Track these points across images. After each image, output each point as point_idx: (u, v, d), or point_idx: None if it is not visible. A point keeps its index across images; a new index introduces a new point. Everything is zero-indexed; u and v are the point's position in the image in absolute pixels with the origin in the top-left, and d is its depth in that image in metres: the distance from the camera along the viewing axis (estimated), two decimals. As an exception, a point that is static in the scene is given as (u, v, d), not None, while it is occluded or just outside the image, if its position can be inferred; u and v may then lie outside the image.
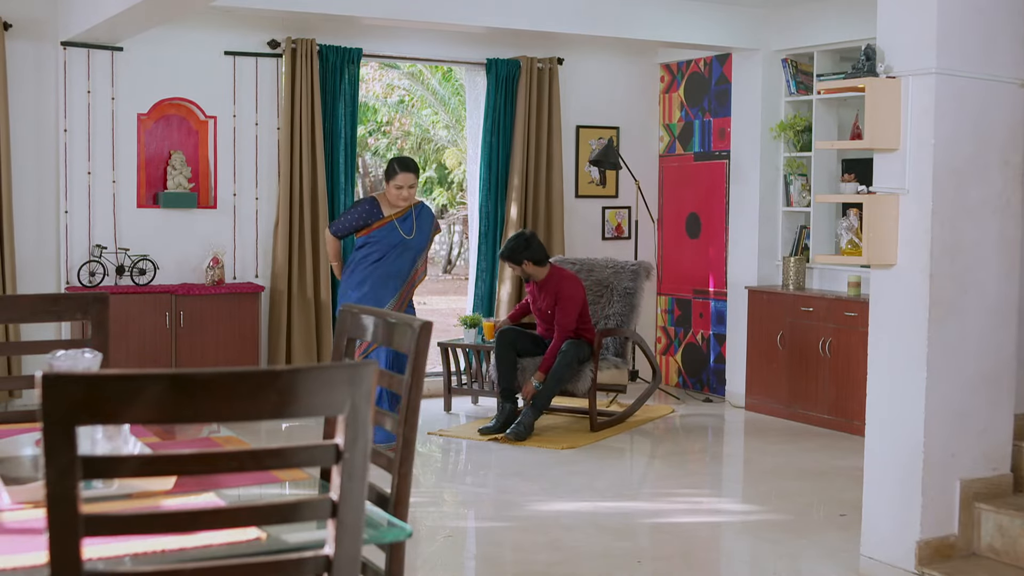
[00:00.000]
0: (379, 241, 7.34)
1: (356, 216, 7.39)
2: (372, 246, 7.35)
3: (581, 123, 10.00)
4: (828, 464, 7.25)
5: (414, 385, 2.99)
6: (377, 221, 7.38)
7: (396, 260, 7.37)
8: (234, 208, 8.68)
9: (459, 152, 19.61)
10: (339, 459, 2.05)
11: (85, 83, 8.16)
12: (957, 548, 5.10)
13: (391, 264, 7.36)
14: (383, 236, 7.35)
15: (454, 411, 8.88)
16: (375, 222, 7.37)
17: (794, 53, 9.15)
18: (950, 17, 4.92)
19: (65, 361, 3.02)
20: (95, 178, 8.23)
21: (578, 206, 10.02)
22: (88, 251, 8.22)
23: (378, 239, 7.35)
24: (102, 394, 1.82)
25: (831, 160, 8.96)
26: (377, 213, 7.39)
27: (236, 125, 8.65)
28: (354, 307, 3.42)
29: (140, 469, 1.97)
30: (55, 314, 4.11)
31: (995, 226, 5.14)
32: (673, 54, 9.99)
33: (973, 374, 5.12)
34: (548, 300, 8.05)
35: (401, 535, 2.54)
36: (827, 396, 8.29)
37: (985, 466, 5.20)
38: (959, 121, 4.98)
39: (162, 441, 3.22)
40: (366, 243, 7.36)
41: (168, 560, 2.20)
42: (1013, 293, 5.24)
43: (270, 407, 1.95)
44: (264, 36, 8.68)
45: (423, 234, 7.50)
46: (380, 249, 7.34)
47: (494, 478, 6.95)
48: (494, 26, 8.38)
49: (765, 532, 5.79)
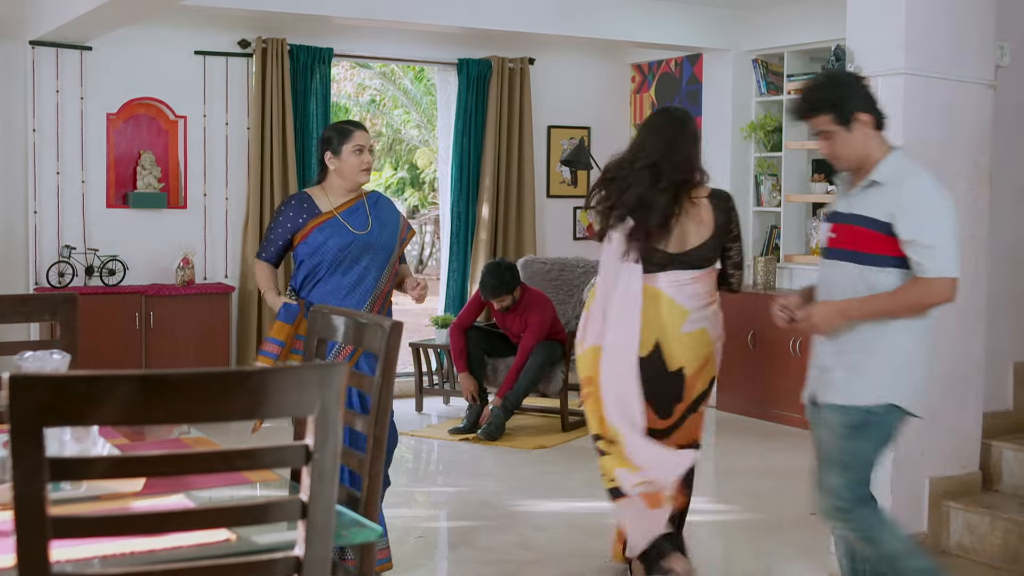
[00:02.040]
0: (320, 248, 4.84)
1: (282, 221, 4.93)
2: (312, 259, 4.86)
3: (552, 123, 10.01)
4: (799, 463, 7.26)
5: (384, 385, 2.99)
6: (312, 220, 4.89)
7: (352, 269, 4.89)
8: (204, 208, 8.64)
9: (430, 152, 19.58)
10: (309, 460, 2.04)
11: (54, 82, 8.11)
12: (926, 546, 5.13)
13: (344, 276, 4.88)
14: (325, 239, 4.85)
15: (425, 411, 8.87)
16: (309, 222, 4.90)
17: (764, 54, 9.18)
18: (919, 18, 4.94)
19: (33, 362, 3.00)
20: (64, 178, 8.18)
21: (549, 206, 10.03)
22: (57, 251, 8.16)
23: (318, 245, 4.85)
24: (70, 395, 1.81)
25: (801, 160, 9.00)
26: (311, 210, 4.91)
27: (206, 125, 8.61)
28: (324, 307, 3.41)
29: (109, 471, 1.96)
30: (23, 315, 4.09)
31: (963, 226, 5.17)
32: (644, 54, 10.01)
33: (942, 373, 5.15)
34: (519, 324, 8.07)
35: (371, 536, 2.54)
36: (798, 395, 8.27)
37: (954, 464, 5.24)
38: (927, 121, 5.01)
39: (131, 442, 3.21)
40: (303, 258, 4.89)
41: (138, 562, 2.19)
42: (981, 293, 5.28)
43: (240, 408, 1.95)
44: (234, 36, 8.64)
45: (386, 230, 5.00)
46: (326, 258, 4.85)
47: (466, 478, 6.94)
48: (465, 26, 8.38)
49: (737, 532, 5.81)
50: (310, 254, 4.86)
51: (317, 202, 4.93)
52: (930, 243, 3.75)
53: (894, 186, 3.81)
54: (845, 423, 3.88)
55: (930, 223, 3.77)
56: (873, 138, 3.89)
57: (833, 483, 3.89)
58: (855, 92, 3.89)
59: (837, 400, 3.92)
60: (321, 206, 4.92)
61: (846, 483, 3.87)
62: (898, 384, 3.85)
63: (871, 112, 3.88)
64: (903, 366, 3.87)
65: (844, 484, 3.87)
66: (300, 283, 4.91)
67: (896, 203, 3.78)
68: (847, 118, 3.85)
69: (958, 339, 5.19)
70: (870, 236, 3.83)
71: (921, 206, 3.78)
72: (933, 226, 3.77)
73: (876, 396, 3.85)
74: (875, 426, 3.86)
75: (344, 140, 4.89)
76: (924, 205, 3.79)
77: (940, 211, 3.79)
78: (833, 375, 3.95)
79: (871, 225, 3.82)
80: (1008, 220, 5.54)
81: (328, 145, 4.93)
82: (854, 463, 3.87)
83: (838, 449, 3.90)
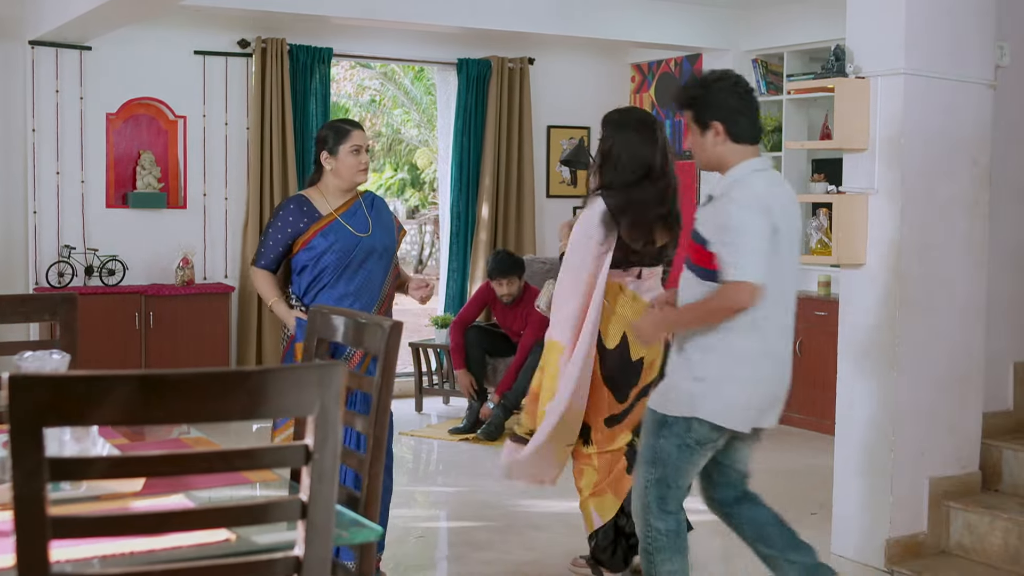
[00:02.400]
0: (326, 252, 4.67)
1: (281, 226, 4.72)
2: (316, 265, 4.68)
3: (552, 123, 10.00)
4: (799, 463, 7.28)
5: (384, 385, 2.99)
6: (314, 224, 4.70)
7: (357, 274, 4.72)
8: (204, 208, 8.64)
9: (430, 152, 19.58)
10: (309, 460, 2.04)
11: (53, 82, 8.10)
12: (926, 546, 5.13)
13: (351, 281, 4.71)
14: (329, 244, 4.67)
15: (425, 411, 8.87)
16: (312, 227, 4.70)
17: (764, 53, 9.18)
18: (919, 18, 4.94)
19: (33, 362, 3.00)
20: (64, 178, 8.18)
21: (549, 206, 10.02)
22: (57, 251, 8.16)
23: (322, 250, 4.67)
24: (70, 395, 1.80)
25: (801, 160, 8.99)
26: (311, 213, 4.71)
27: (206, 125, 8.61)
28: (324, 307, 3.41)
29: (109, 471, 1.96)
30: (23, 315, 4.09)
31: (963, 226, 5.17)
32: (644, 54, 10.01)
33: (942, 373, 5.15)
34: (520, 322, 8.07)
35: (371, 536, 2.54)
36: (797, 395, 8.25)
37: (954, 464, 5.23)
38: (927, 121, 5.01)
39: (131, 442, 3.21)
40: (306, 264, 4.70)
41: (137, 562, 2.18)
42: (981, 292, 5.28)
43: (240, 408, 1.95)
44: (234, 36, 8.64)
45: (386, 231, 4.85)
46: (331, 264, 4.68)
47: (466, 478, 6.94)
48: (465, 26, 8.37)
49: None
50: (314, 260, 4.66)
51: (316, 205, 4.72)
52: (729, 250, 3.78)
53: (720, 201, 3.88)
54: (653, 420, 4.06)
55: (732, 232, 3.79)
56: (726, 148, 3.94)
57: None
58: (718, 100, 3.93)
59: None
60: (320, 209, 4.72)
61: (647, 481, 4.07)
62: (705, 399, 3.91)
63: (727, 123, 3.91)
64: (717, 380, 3.91)
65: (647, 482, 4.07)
66: (303, 291, 4.69)
67: (711, 220, 3.87)
68: (703, 122, 3.94)
69: (958, 339, 5.19)
70: (702, 250, 3.89)
71: (728, 215, 3.81)
72: (733, 234, 3.79)
73: (678, 409, 3.96)
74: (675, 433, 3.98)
75: (341, 140, 4.70)
76: (730, 214, 3.81)
77: (740, 220, 3.80)
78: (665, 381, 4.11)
79: (699, 241, 3.91)
80: (1008, 220, 5.54)
81: (324, 145, 4.73)
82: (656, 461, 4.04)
83: (647, 446, 4.07)
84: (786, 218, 3.88)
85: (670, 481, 4.02)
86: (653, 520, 4.04)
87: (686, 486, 4.11)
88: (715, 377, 3.90)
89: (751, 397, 3.95)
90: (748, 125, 3.93)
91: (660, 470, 4.00)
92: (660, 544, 4.04)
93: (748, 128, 3.94)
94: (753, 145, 3.96)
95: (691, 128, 3.99)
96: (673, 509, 4.05)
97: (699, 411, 3.90)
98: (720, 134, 3.92)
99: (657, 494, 4.02)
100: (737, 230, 3.78)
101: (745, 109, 3.93)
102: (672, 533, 4.05)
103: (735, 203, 3.82)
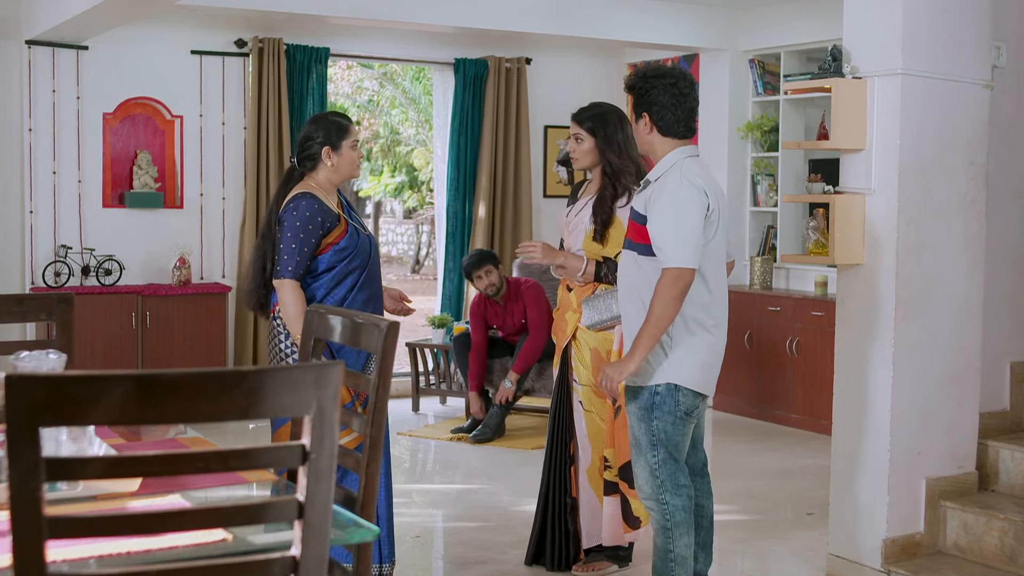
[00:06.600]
0: (350, 254, 4.48)
1: (312, 228, 4.42)
2: (344, 267, 4.48)
3: (549, 123, 10.00)
4: (795, 463, 7.28)
5: (381, 385, 2.99)
6: (337, 226, 4.48)
7: (375, 276, 4.58)
8: (201, 208, 8.64)
9: (427, 152, 19.57)
10: (305, 460, 2.04)
11: (50, 82, 8.10)
12: (923, 546, 5.13)
13: (371, 283, 4.55)
14: (355, 244, 4.49)
15: (422, 411, 8.87)
16: (336, 227, 4.48)
17: (761, 54, 9.18)
18: (916, 18, 4.94)
19: (29, 362, 3.00)
20: (60, 178, 8.17)
21: (546, 206, 10.02)
22: (53, 251, 8.16)
23: (350, 251, 4.48)
24: (66, 395, 1.80)
25: (798, 160, 9.00)
26: (329, 212, 4.47)
27: (203, 124, 8.61)
28: (321, 307, 3.40)
29: (105, 470, 1.96)
30: (20, 315, 4.08)
31: (960, 226, 5.17)
32: (641, 54, 10.00)
33: (939, 373, 5.15)
34: (518, 312, 8.04)
35: (368, 536, 2.54)
36: (794, 395, 8.33)
37: (951, 464, 5.23)
38: (924, 121, 5.01)
39: (127, 442, 3.20)
40: (333, 265, 4.47)
41: (134, 562, 2.18)
42: (978, 293, 5.28)
43: (237, 408, 1.94)
44: (231, 35, 8.64)
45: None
46: (357, 267, 4.50)
47: (463, 478, 6.94)
48: (462, 26, 8.37)
49: (733, 531, 5.81)
50: (344, 260, 4.46)
51: (328, 203, 4.50)
52: (664, 236, 4.04)
53: (656, 184, 4.17)
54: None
55: (669, 215, 4.06)
56: (654, 138, 4.26)
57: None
58: (651, 95, 4.25)
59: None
60: (331, 206, 4.51)
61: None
62: (681, 366, 4.17)
63: (654, 117, 4.23)
64: (686, 348, 4.18)
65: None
66: (327, 292, 4.46)
67: (649, 200, 4.14)
68: (637, 112, 4.28)
69: (955, 339, 5.19)
70: (639, 228, 4.17)
71: (662, 202, 4.09)
72: (670, 217, 4.05)
73: (656, 378, 4.23)
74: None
75: (343, 135, 4.56)
76: (668, 196, 4.09)
77: (677, 202, 4.07)
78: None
79: (637, 219, 4.19)
80: (1005, 220, 5.54)
81: (327, 140, 4.54)
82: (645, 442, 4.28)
83: (641, 433, 4.28)
84: (716, 196, 4.17)
85: (675, 455, 4.22)
86: (669, 498, 4.21)
87: (684, 457, 4.29)
88: (683, 346, 4.16)
89: (713, 363, 4.26)
90: (674, 122, 4.25)
91: (662, 450, 4.20)
92: (679, 519, 4.22)
93: (675, 124, 4.24)
94: (683, 140, 4.26)
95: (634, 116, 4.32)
96: (685, 483, 4.24)
97: (676, 378, 4.14)
98: (648, 125, 4.26)
99: (668, 472, 4.21)
100: (675, 213, 4.06)
101: (676, 107, 4.24)
102: (687, 508, 4.24)
103: (672, 185, 4.10)
